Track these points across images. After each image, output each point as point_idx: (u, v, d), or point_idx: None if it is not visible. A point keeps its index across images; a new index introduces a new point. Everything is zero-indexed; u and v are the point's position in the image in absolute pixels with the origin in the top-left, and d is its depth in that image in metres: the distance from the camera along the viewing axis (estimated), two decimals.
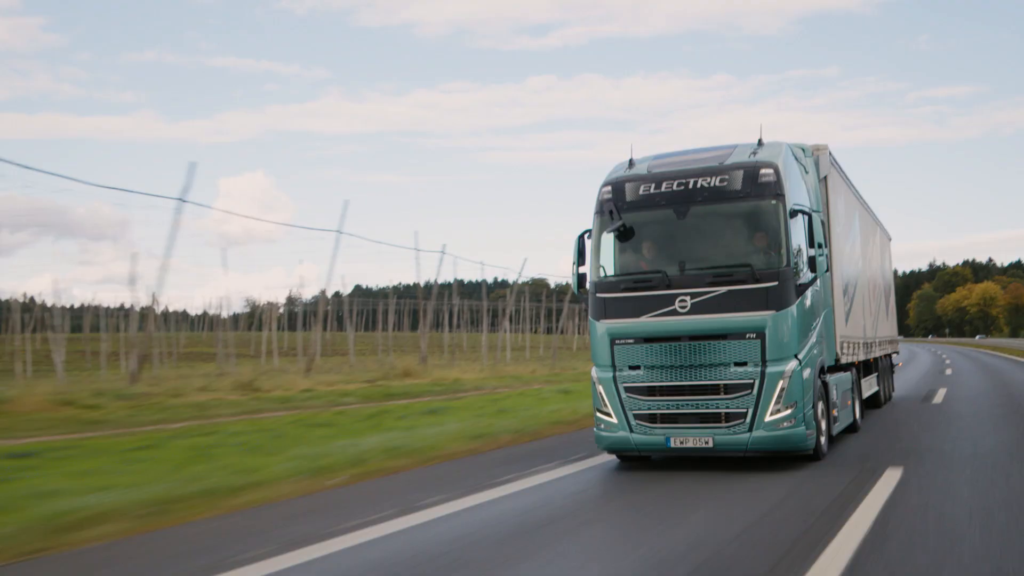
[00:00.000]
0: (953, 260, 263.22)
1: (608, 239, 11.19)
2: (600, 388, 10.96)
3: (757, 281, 10.24)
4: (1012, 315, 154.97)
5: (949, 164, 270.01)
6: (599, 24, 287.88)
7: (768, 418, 10.16)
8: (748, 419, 10.22)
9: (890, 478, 9.57)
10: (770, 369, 10.20)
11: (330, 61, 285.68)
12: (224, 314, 56.88)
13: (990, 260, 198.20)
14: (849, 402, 13.56)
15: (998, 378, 30.54)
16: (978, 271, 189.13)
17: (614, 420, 10.86)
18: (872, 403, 18.28)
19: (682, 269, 10.65)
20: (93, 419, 17.85)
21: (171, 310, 71.26)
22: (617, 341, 10.83)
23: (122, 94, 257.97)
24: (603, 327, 10.96)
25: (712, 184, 10.59)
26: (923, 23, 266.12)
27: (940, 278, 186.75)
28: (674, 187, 10.75)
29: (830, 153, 13.12)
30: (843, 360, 13.11)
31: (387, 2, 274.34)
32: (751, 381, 10.22)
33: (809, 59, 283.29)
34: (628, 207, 10.94)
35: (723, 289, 10.33)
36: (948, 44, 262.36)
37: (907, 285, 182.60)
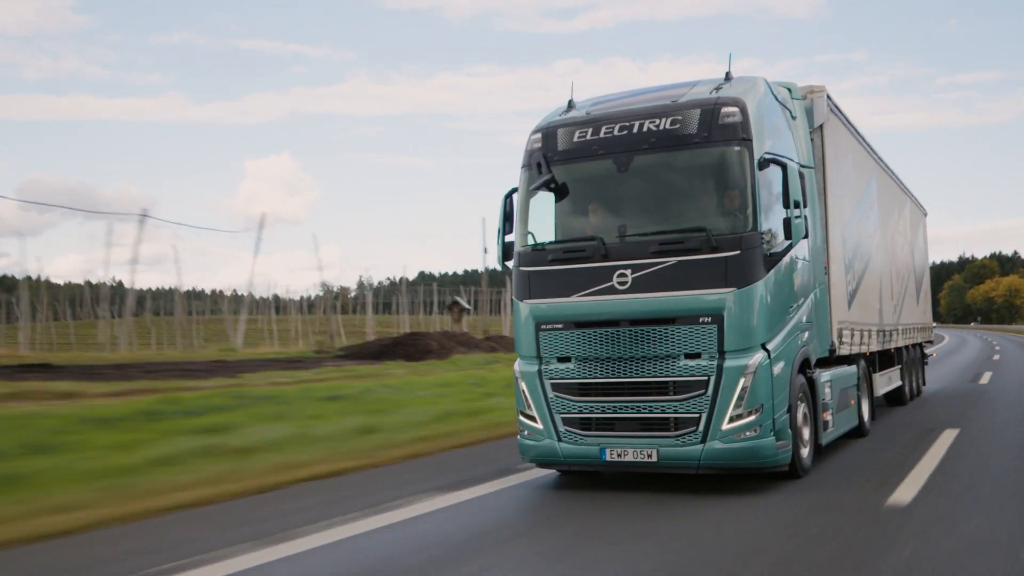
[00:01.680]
0: (980, 245, 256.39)
1: (538, 199, 8.33)
2: (523, 385, 8.14)
3: (714, 249, 7.36)
4: None
5: (976, 150, 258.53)
6: (627, 6, 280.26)
7: (726, 425, 7.28)
8: (701, 427, 7.31)
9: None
10: (729, 363, 7.30)
11: (357, 43, 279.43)
12: (297, 296, 58.33)
13: (1015, 253, 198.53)
14: (852, 402, 10.48)
15: None
16: (1004, 263, 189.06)
17: (539, 426, 8.04)
18: (895, 400, 14.94)
19: (622, 235, 7.79)
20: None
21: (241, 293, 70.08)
22: (543, 326, 8.00)
23: (150, 76, 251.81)
24: (527, 308, 8.15)
25: (661, 127, 7.69)
26: (953, 7, 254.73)
27: (969, 270, 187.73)
28: (615, 132, 7.87)
29: (828, 97, 9.94)
30: (842, 351, 10.06)
31: None
32: (705, 378, 7.34)
33: (838, 43, 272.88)
34: (559, 158, 8.09)
35: (671, 260, 7.46)
36: (977, 29, 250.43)
37: (938, 275, 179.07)
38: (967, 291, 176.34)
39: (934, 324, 20.15)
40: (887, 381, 13.59)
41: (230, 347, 44.80)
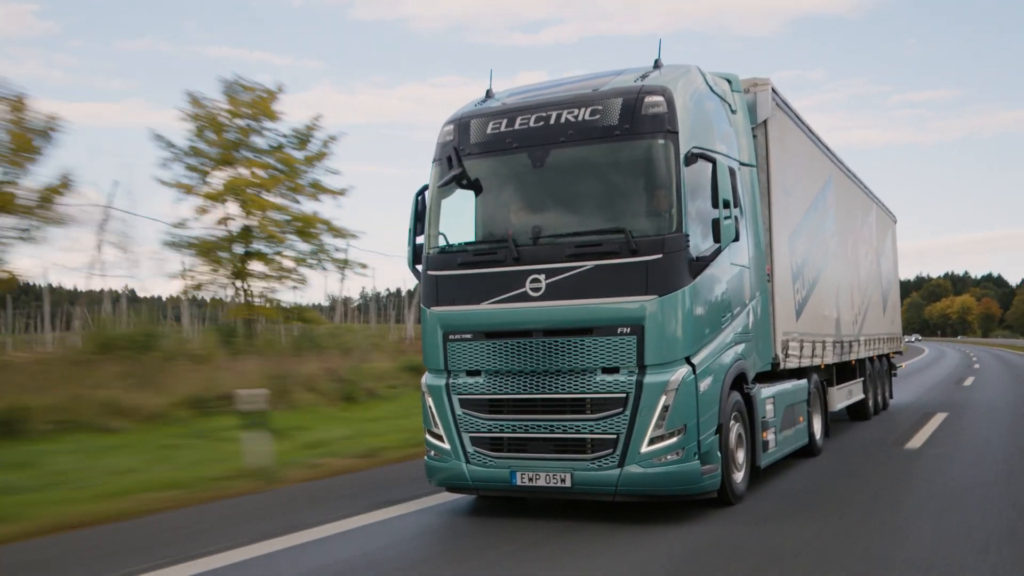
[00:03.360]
0: (933, 263, 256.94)
1: (453, 198, 7.17)
2: (430, 400, 6.97)
3: (634, 253, 6.24)
4: (983, 321, 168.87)
5: (928, 167, 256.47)
6: (592, 21, 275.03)
7: (645, 448, 6.13)
8: (619, 449, 6.14)
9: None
10: (649, 378, 6.16)
11: (323, 53, 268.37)
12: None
13: (966, 273, 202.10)
14: (801, 419, 9.24)
15: None
16: (956, 283, 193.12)
17: (446, 445, 6.87)
18: (859, 414, 13.52)
19: (536, 237, 6.64)
20: None
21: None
22: (451, 336, 6.84)
23: (111, 82, 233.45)
24: (434, 316, 6.98)
25: (580, 118, 6.56)
26: (910, 28, 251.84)
27: (926, 288, 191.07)
28: (531, 123, 6.74)
29: (773, 90, 8.74)
30: (789, 365, 8.85)
31: None
32: (623, 395, 6.19)
33: (797, 61, 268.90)
34: (472, 151, 6.96)
35: (588, 265, 6.32)
36: (932, 50, 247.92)
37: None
38: (924, 308, 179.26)
39: (918, 337, 18.31)
40: (847, 395, 12.28)
41: None
